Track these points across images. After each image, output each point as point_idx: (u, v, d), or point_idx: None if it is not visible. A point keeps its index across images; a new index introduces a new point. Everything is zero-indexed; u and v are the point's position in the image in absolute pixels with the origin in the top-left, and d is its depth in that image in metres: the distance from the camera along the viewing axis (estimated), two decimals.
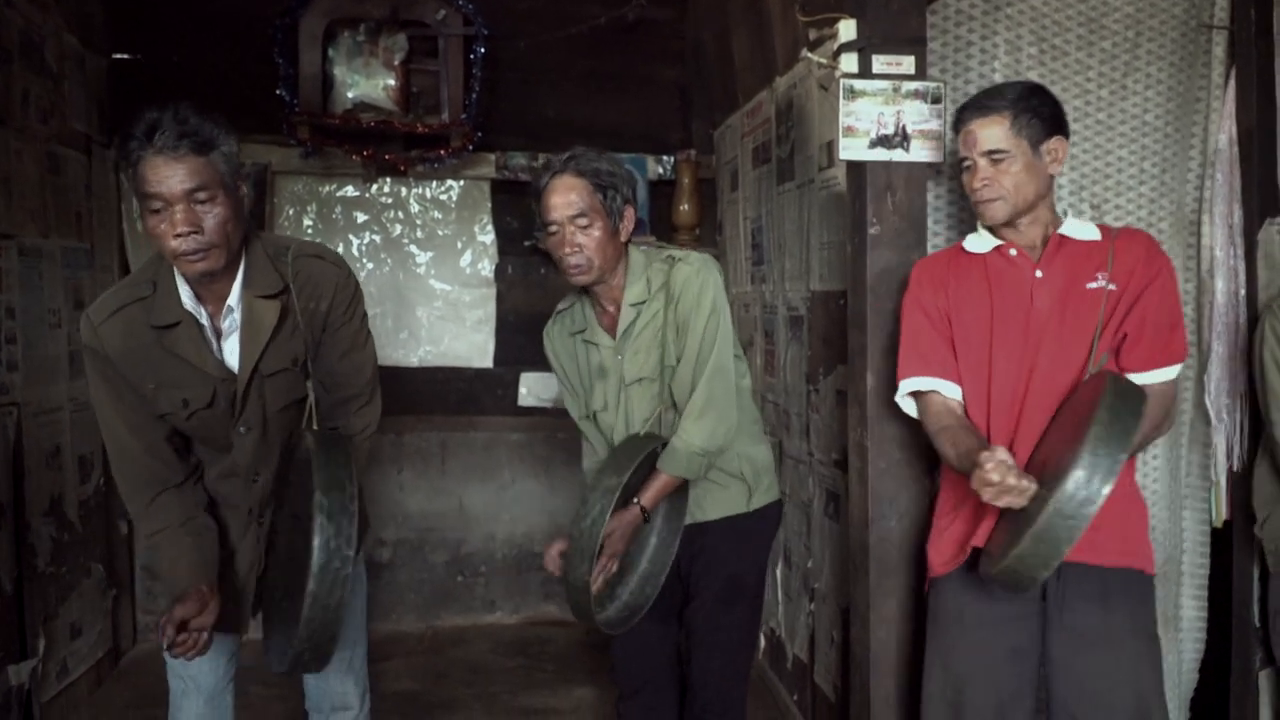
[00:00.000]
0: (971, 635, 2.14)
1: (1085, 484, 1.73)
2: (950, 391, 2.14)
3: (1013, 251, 2.11)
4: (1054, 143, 2.08)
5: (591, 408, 2.41)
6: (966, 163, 2.11)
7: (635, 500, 2.23)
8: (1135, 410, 1.82)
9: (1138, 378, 2.00)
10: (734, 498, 2.40)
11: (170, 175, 1.77)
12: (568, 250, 2.20)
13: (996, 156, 2.06)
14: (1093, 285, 2.06)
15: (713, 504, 2.39)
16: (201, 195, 1.80)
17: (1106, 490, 1.74)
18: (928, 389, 2.15)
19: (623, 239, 2.27)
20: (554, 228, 2.21)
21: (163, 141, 1.77)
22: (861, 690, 2.50)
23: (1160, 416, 2.05)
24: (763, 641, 3.82)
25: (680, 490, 2.33)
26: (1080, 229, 2.11)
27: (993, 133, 2.06)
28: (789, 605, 3.51)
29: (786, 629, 3.53)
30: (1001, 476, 1.81)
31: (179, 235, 1.79)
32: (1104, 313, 2.04)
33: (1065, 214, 2.17)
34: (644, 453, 2.19)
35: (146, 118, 1.79)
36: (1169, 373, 2.06)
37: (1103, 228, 2.13)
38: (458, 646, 4.25)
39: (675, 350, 2.25)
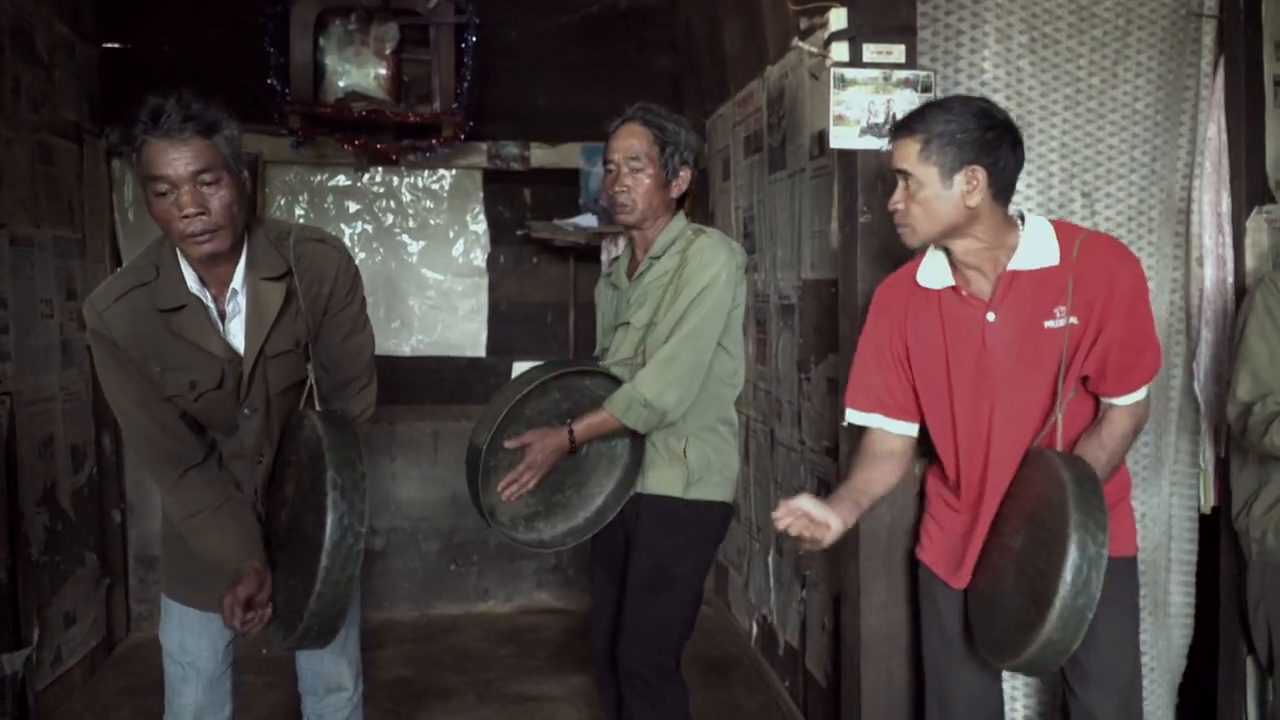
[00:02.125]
0: (939, 607, 2.22)
1: (1081, 580, 1.78)
2: (890, 426, 2.16)
3: (964, 293, 2.03)
4: (969, 172, 1.92)
5: (603, 345, 2.52)
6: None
7: (568, 422, 2.29)
8: (1099, 496, 1.84)
9: (1114, 401, 2.04)
10: (671, 478, 2.39)
11: (176, 158, 1.80)
12: (618, 188, 2.36)
13: (906, 178, 1.98)
14: (1051, 324, 1.98)
15: (654, 478, 2.40)
16: (207, 177, 1.83)
17: (1099, 578, 1.79)
18: (863, 424, 2.19)
19: (673, 195, 2.40)
20: (611, 166, 2.38)
21: (168, 125, 1.80)
22: (853, 675, 2.52)
23: (1134, 428, 2.08)
24: (754, 628, 3.85)
25: (638, 463, 2.39)
26: (1036, 252, 1.98)
27: (904, 153, 1.97)
28: (780, 592, 3.53)
29: (778, 616, 3.55)
30: (785, 526, 1.96)
31: (185, 217, 1.82)
32: (1066, 350, 1.98)
33: (1021, 220, 2.02)
34: (584, 367, 2.31)
35: (150, 103, 1.82)
36: (1140, 393, 2.05)
37: (1062, 238, 2.00)
38: (450, 634, 4.26)
39: (665, 308, 2.32)
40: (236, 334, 2.00)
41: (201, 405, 2.01)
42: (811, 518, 1.96)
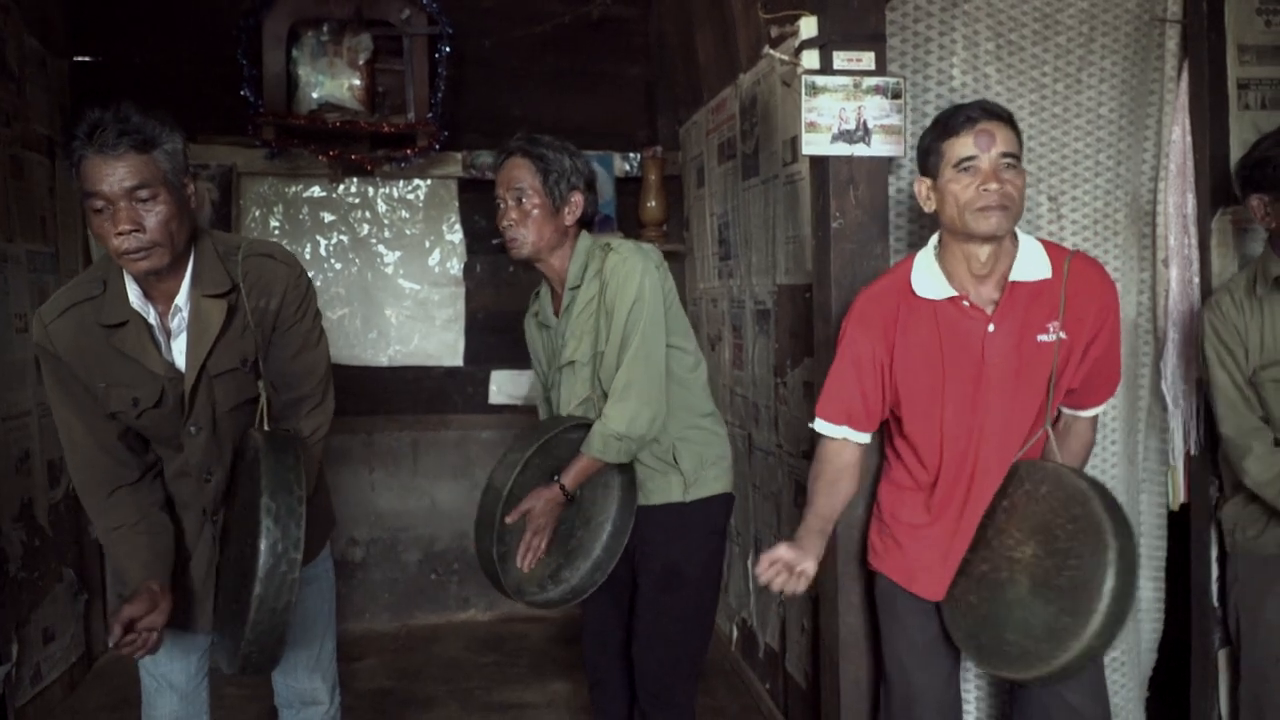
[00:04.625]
0: (904, 621, 2.26)
1: (1124, 585, 1.87)
2: (854, 437, 2.19)
3: (966, 304, 2.06)
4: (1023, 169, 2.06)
5: (548, 385, 2.50)
6: (968, 163, 1.99)
7: (555, 478, 2.27)
8: (1119, 503, 1.94)
9: (1080, 413, 2.19)
10: (670, 486, 2.41)
11: (110, 174, 1.78)
12: (505, 223, 2.35)
13: (1011, 161, 1.98)
14: (1044, 338, 2.04)
15: (654, 489, 2.41)
16: (143, 194, 1.81)
17: (1136, 581, 1.95)
18: (830, 435, 2.20)
19: (566, 223, 2.35)
20: (499, 202, 2.37)
21: (103, 140, 1.78)
22: (831, 676, 2.54)
23: (1094, 438, 2.26)
24: (735, 632, 3.87)
25: (632, 478, 2.38)
26: (1032, 265, 2.05)
27: (1009, 136, 2.00)
28: (760, 596, 3.55)
29: (758, 619, 3.57)
30: (767, 580, 2.03)
31: (121, 234, 1.80)
32: (1056, 365, 2.04)
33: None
34: (553, 431, 2.25)
35: (88, 117, 1.80)
36: (1104, 406, 2.21)
37: (1053, 255, 2.06)
38: (432, 644, 4.26)
39: (605, 336, 2.31)
40: (180, 351, 1.96)
41: (145, 422, 1.98)
42: (790, 566, 2.02)
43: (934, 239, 2.14)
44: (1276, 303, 2.34)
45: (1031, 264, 2.05)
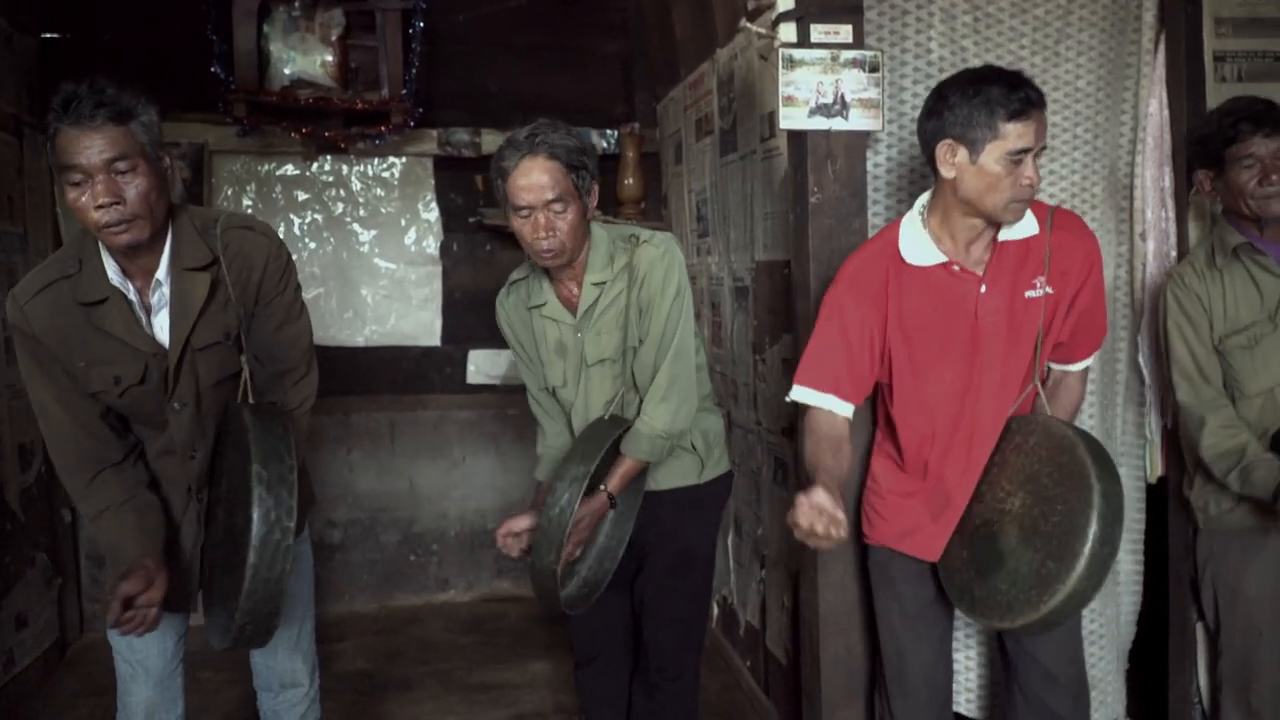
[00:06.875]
0: (899, 588, 2.27)
1: (1107, 529, 1.88)
2: (839, 409, 2.11)
3: (956, 268, 2.05)
4: None
5: (550, 383, 2.37)
6: (1022, 155, 1.92)
7: (602, 487, 2.23)
8: (1107, 453, 1.96)
9: (1070, 367, 2.20)
10: (686, 469, 2.40)
11: (89, 146, 1.76)
12: (542, 235, 2.11)
13: (1040, 151, 1.97)
14: (1032, 294, 2.04)
15: (665, 475, 2.39)
16: (122, 165, 1.79)
17: (1120, 528, 1.91)
18: (815, 404, 2.12)
19: (589, 218, 2.23)
20: (525, 212, 2.12)
21: (80, 112, 1.75)
22: (811, 653, 2.55)
23: (1085, 391, 2.26)
24: (715, 609, 3.87)
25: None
26: (1020, 223, 2.04)
27: (1046, 124, 1.98)
28: (740, 573, 3.56)
29: (738, 596, 3.58)
30: (809, 523, 1.76)
31: (100, 207, 1.78)
32: (1043, 320, 2.05)
33: None
34: (610, 439, 2.19)
35: (63, 90, 1.78)
36: (1092, 358, 2.23)
37: (1037, 212, 2.06)
38: (412, 626, 4.25)
39: (638, 332, 2.24)
40: (162, 327, 1.95)
41: (127, 400, 1.96)
42: (830, 514, 1.79)
43: (920, 202, 2.12)
44: (1236, 272, 2.38)
45: (1020, 223, 2.05)
